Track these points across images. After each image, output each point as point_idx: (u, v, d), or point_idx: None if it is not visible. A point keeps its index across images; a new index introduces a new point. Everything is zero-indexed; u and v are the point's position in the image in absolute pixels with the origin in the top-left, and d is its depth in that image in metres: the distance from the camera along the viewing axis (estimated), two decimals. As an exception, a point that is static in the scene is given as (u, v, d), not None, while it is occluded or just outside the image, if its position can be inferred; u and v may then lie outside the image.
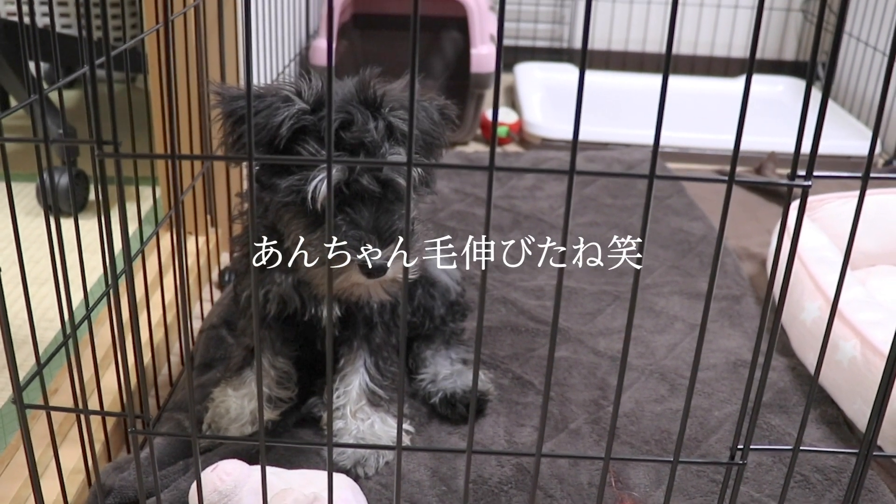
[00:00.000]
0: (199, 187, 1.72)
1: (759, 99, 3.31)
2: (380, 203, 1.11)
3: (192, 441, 0.92)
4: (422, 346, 1.56)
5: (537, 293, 1.90)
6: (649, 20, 3.72)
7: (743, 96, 0.74)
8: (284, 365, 1.38)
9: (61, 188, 2.05)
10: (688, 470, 1.36)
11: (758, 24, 0.71)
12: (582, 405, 1.52)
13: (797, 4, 3.67)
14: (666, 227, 2.24)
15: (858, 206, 0.84)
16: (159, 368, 1.55)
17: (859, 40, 3.18)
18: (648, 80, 3.54)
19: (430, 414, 1.48)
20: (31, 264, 1.02)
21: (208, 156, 1.21)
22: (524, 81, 3.35)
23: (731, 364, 1.65)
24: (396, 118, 1.12)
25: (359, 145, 1.09)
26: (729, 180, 0.78)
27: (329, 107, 0.73)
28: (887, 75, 0.75)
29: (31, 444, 0.99)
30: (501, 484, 1.31)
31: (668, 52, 0.72)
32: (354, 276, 1.09)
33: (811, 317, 1.60)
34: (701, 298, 1.90)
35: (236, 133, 1.13)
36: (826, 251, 1.74)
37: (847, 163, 2.78)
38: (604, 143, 2.85)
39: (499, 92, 0.73)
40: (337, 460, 1.31)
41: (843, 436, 1.47)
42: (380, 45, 3.03)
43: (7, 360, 0.95)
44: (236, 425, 1.35)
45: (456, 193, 2.39)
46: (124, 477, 1.24)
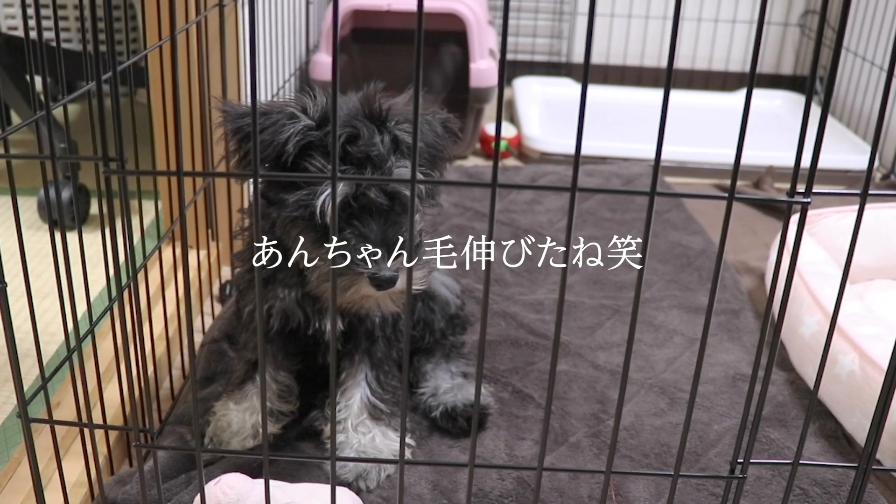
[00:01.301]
0: (200, 201, 1.73)
1: (756, 113, 3.32)
2: (387, 216, 1.12)
3: (195, 454, 0.92)
4: (422, 360, 1.57)
5: (537, 307, 1.90)
6: (647, 35, 3.74)
7: (743, 113, 0.75)
8: (286, 379, 1.39)
9: (64, 202, 2.06)
10: (688, 483, 1.37)
11: (758, 39, 0.72)
12: (582, 419, 1.52)
13: (795, 19, 3.69)
14: (664, 242, 2.25)
15: (857, 223, 0.85)
16: (161, 382, 1.55)
17: (857, 55, 3.19)
18: (646, 95, 3.56)
19: (431, 427, 1.48)
20: (32, 278, 1.02)
21: (213, 172, 1.21)
22: (523, 96, 3.37)
23: (731, 378, 1.66)
24: (402, 132, 1.13)
25: (365, 159, 1.10)
26: (729, 197, 0.78)
27: (334, 123, 0.74)
28: (885, 90, 0.76)
29: (36, 458, 0.99)
30: (502, 497, 1.31)
31: (668, 69, 0.73)
32: (364, 289, 1.10)
33: (810, 331, 1.61)
34: (700, 312, 1.90)
35: (242, 150, 1.13)
36: (824, 265, 1.75)
37: (845, 177, 2.80)
38: (602, 157, 2.86)
39: (501, 108, 0.74)
40: (339, 473, 1.31)
41: (842, 449, 1.48)
42: (379, 59, 3.04)
43: (13, 375, 0.96)
44: (238, 439, 1.36)
45: (455, 207, 2.40)
46: (127, 490, 1.24)
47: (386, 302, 1.15)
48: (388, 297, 1.13)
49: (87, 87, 1.13)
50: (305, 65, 2.87)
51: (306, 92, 1.16)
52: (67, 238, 1.02)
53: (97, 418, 1.28)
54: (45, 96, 0.99)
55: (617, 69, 3.79)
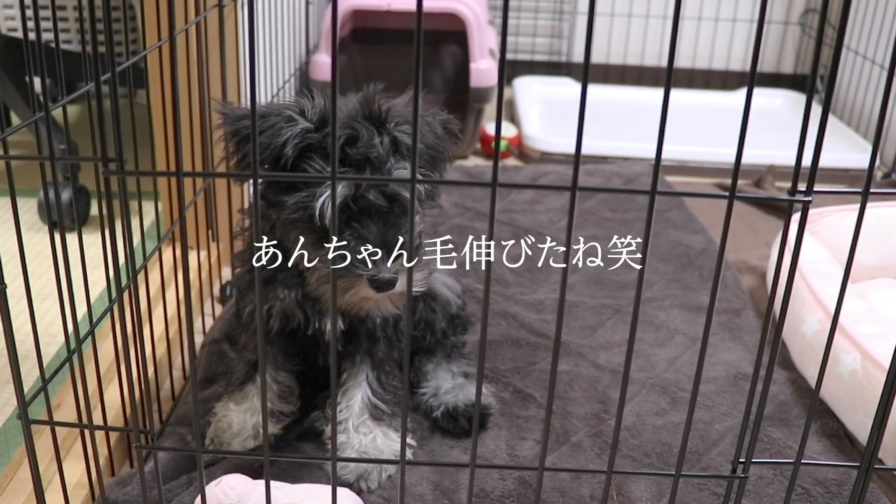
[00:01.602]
0: (200, 202, 1.73)
1: (757, 112, 3.32)
2: (387, 217, 1.12)
3: (196, 455, 0.92)
4: (423, 360, 1.57)
5: (537, 307, 1.90)
6: (647, 34, 3.74)
7: (744, 112, 0.75)
8: (287, 379, 1.38)
9: (63, 203, 2.05)
10: (689, 483, 1.37)
11: (759, 38, 0.72)
12: (583, 418, 1.52)
13: (795, 17, 3.69)
14: (665, 241, 2.25)
15: (858, 221, 0.84)
16: (161, 383, 1.55)
17: (857, 54, 3.19)
18: (647, 94, 3.56)
19: (433, 428, 1.48)
20: (32, 279, 1.02)
21: (212, 173, 1.21)
22: (523, 95, 3.37)
23: (732, 377, 1.66)
24: (401, 133, 1.13)
25: (364, 161, 1.10)
26: (730, 196, 0.78)
27: (333, 124, 0.74)
28: (886, 89, 0.76)
29: (36, 460, 0.99)
30: (503, 497, 1.31)
31: (669, 68, 0.73)
32: (364, 291, 1.09)
33: (811, 330, 1.61)
34: (701, 312, 1.90)
35: (241, 152, 1.13)
36: (825, 264, 1.75)
37: (846, 176, 2.79)
38: (603, 157, 2.86)
39: (501, 107, 0.74)
40: (340, 474, 1.31)
41: (843, 449, 1.47)
42: (379, 59, 3.04)
43: (13, 377, 0.96)
44: (239, 440, 1.36)
45: (456, 207, 2.39)
46: (128, 492, 1.24)
47: (385, 304, 1.15)
48: (387, 298, 1.13)
49: (87, 88, 1.13)
50: (305, 65, 2.87)
51: (305, 94, 1.16)
52: (67, 239, 1.02)
53: (98, 419, 1.28)
54: (45, 97, 0.99)
55: (617, 68, 3.79)
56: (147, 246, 1.37)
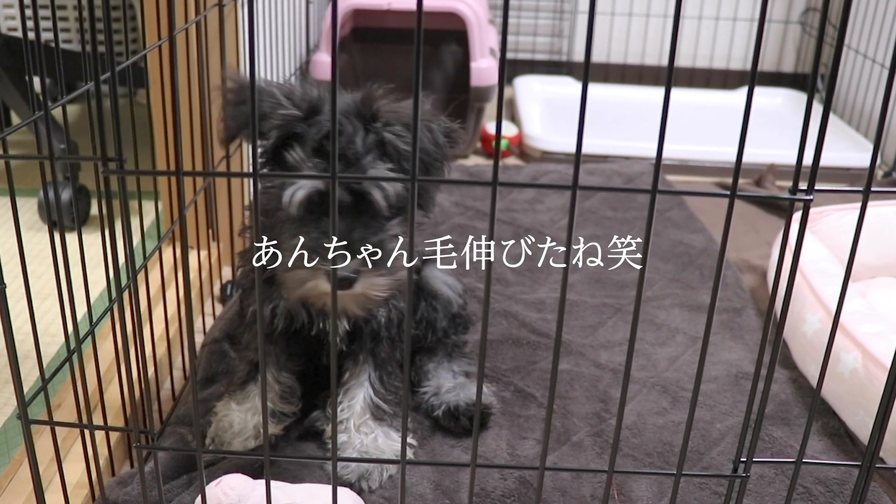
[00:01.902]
0: (200, 202, 1.73)
1: (757, 111, 3.32)
2: (358, 217, 1.11)
3: (196, 455, 0.92)
4: (424, 359, 1.56)
5: (538, 306, 1.90)
6: (648, 33, 3.74)
7: (745, 111, 0.75)
8: (288, 380, 1.38)
9: (63, 203, 2.05)
10: (690, 482, 1.36)
11: (759, 37, 0.72)
12: (584, 418, 1.52)
13: (796, 16, 3.69)
14: (666, 240, 2.25)
15: (860, 220, 0.84)
16: (162, 383, 1.55)
17: (858, 52, 3.19)
18: (647, 93, 3.56)
19: (433, 427, 1.48)
20: (32, 279, 1.02)
21: (212, 172, 1.21)
22: (524, 94, 3.37)
23: (733, 376, 1.66)
24: (390, 134, 1.12)
25: (340, 156, 1.09)
26: (731, 195, 0.78)
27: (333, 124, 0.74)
28: (887, 88, 0.76)
29: (36, 460, 0.99)
30: (504, 497, 1.31)
31: (669, 68, 0.72)
32: (322, 286, 1.09)
33: (812, 329, 1.61)
34: (702, 311, 1.90)
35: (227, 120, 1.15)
36: (826, 263, 1.74)
37: (846, 174, 2.79)
38: (603, 156, 2.86)
39: (502, 106, 0.74)
40: (341, 474, 1.31)
41: (845, 448, 1.47)
42: (379, 59, 3.04)
43: (13, 377, 0.96)
44: (240, 439, 1.36)
45: (456, 206, 2.39)
46: (128, 492, 1.24)
47: (347, 303, 1.14)
48: (350, 298, 1.12)
49: (86, 88, 1.13)
50: (305, 64, 2.87)
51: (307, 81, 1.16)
52: (67, 239, 1.02)
53: (98, 419, 1.28)
54: (44, 97, 0.99)
55: (618, 68, 3.79)
56: (147, 245, 1.37)
